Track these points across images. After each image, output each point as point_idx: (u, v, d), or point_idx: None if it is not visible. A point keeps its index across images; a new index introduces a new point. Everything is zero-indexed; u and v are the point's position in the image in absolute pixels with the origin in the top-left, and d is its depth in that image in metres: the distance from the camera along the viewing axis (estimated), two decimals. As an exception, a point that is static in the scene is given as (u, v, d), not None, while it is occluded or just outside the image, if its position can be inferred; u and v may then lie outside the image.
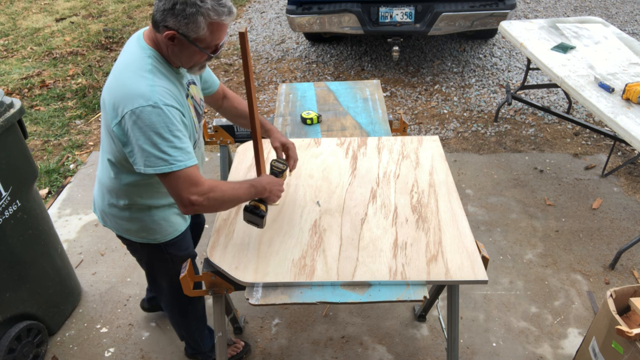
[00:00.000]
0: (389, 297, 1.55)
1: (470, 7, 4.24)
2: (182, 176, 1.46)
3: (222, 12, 1.41)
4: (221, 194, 1.53)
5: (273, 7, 6.64)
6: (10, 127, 2.06)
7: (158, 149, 1.42)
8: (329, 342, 2.41)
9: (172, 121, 1.43)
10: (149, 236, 1.76)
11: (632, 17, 5.89)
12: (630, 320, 1.84)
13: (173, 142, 1.43)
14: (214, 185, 1.53)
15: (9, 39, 6.08)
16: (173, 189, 1.48)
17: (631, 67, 3.04)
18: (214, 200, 1.52)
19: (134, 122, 1.41)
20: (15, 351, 2.18)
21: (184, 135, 1.48)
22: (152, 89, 1.42)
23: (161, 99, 1.42)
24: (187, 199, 1.48)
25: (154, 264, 1.91)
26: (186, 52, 1.47)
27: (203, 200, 1.49)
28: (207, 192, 1.50)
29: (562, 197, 3.28)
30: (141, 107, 1.40)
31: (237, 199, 1.60)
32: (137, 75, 1.45)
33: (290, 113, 2.67)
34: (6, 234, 2.09)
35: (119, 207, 1.71)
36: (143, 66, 1.46)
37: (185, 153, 1.46)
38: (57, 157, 3.87)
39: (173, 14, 1.39)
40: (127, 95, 1.42)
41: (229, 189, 1.57)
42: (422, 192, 1.95)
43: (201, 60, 1.52)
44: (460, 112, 4.23)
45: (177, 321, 2.16)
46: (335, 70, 4.99)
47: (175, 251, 1.85)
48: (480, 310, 2.54)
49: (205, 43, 1.46)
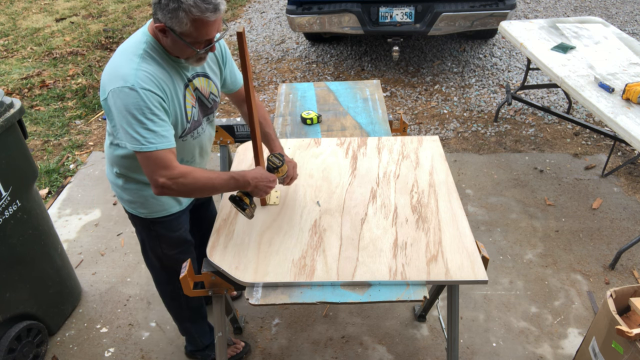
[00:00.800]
0: (389, 297, 1.55)
1: (470, 7, 4.24)
2: (152, 157, 1.50)
3: (206, 9, 1.42)
4: (193, 181, 1.56)
5: (273, 7, 6.64)
6: (10, 127, 2.06)
7: (132, 128, 1.48)
8: (329, 342, 2.41)
9: (147, 104, 1.47)
10: (138, 209, 1.82)
11: (632, 17, 5.89)
12: (630, 320, 1.84)
13: (146, 124, 1.47)
14: (187, 171, 1.55)
15: (9, 39, 6.08)
16: (145, 168, 1.54)
17: (631, 67, 3.04)
18: (184, 186, 1.55)
19: (114, 100, 1.48)
20: (15, 351, 2.18)
21: (160, 119, 1.51)
22: (135, 73, 1.47)
23: (139, 82, 1.46)
24: (156, 181, 1.52)
25: (144, 238, 1.95)
26: (177, 45, 1.51)
27: (172, 184, 1.53)
28: (177, 177, 1.53)
29: (562, 197, 3.28)
30: (119, 88, 1.46)
31: (212, 188, 1.63)
32: (127, 58, 1.51)
33: (290, 113, 2.67)
34: (6, 234, 2.09)
35: (115, 175, 1.79)
36: (135, 51, 1.52)
37: (159, 136, 1.49)
38: (57, 157, 3.87)
39: (160, 7, 1.44)
40: (112, 76, 1.50)
41: (203, 177, 1.59)
42: (422, 192, 1.95)
43: (193, 55, 1.54)
44: (460, 112, 4.23)
45: (169, 305, 2.17)
46: (335, 70, 4.99)
47: (164, 231, 1.88)
48: (480, 310, 2.54)
49: (192, 38, 1.48)
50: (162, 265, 1.98)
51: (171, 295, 2.11)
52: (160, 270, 2.02)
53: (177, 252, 1.94)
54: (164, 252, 1.92)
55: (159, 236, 1.89)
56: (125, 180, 1.77)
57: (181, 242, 1.95)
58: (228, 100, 4.58)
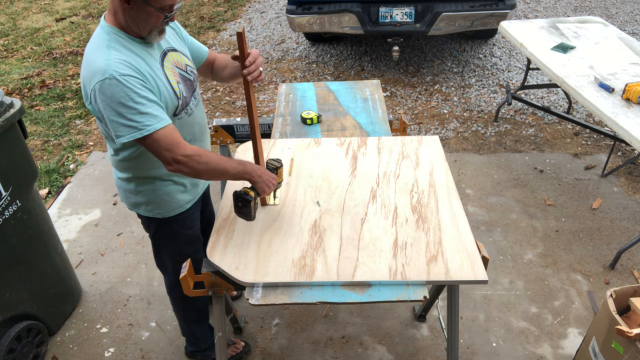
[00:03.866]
0: (389, 297, 1.55)
1: (470, 7, 4.24)
2: (157, 138, 1.50)
3: None
4: (206, 160, 1.57)
5: (273, 7, 6.64)
6: (10, 127, 2.06)
7: (124, 117, 1.47)
8: (329, 342, 2.41)
9: (131, 89, 1.46)
10: (154, 209, 1.81)
11: (632, 17, 5.89)
12: (630, 320, 1.84)
13: (137, 109, 1.47)
14: (202, 152, 1.57)
15: (9, 39, 6.08)
16: (154, 152, 1.53)
17: (631, 67, 3.04)
18: (199, 164, 1.56)
19: (99, 98, 1.47)
20: (15, 351, 2.18)
21: (149, 100, 1.50)
22: (107, 63, 1.46)
23: (116, 70, 1.46)
24: (171, 158, 1.52)
25: (159, 239, 1.95)
26: (142, 14, 1.50)
27: (188, 161, 1.54)
28: (191, 155, 1.54)
29: (562, 197, 3.28)
30: (100, 82, 1.45)
31: (224, 170, 1.63)
32: (95, 53, 1.50)
33: (290, 113, 2.67)
34: (6, 234, 2.09)
35: (125, 180, 1.78)
36: (100, 43, 1.52)
37: (152, 117, 1.49)
38: (57, 157, 3.87)
39: None
40: (88, 74, 1.49)
41: (216, 158, 1.60)
42: (422, 192, 1.95)
43: (157, 23, 1.54)
44: (460, 112, 4.23)
45: (177, 307, 2.18)
46: (335, 70, 4.99)
47: (180, 228, 1.89)
48: (480, 310, 2.54)
49: (159, 3, 1.49)
50: (176, 265, 1.97)
51: (180, 296, 2.10)
52: (172, 271, 2.02)
53: (192, 250, 1.96)
54: (180, 251, 1.93)
55: (174, 235, 1.90)
56: (138, 183, 1.76)
57: (195, 239, 1.96)
58: (228, 100, 4.58)
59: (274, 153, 2.20)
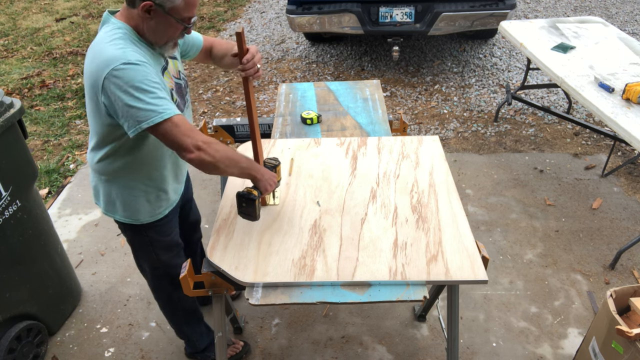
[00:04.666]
0: (389, 297, 1.55)
1: (470, 7, 4.24)
2: (176, 123, 1.45)
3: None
4: (223, 148, 1.55)
5: (273, 7, 6.64)
6: (10, 127, 2.06)
7: (143, 101, 1.42)
8: (329, 342, 2.41)
9: (149, 74, 1.44)
10: (132, 216, 1.78)
11: (632, 17, 5.89)
12: (630, 320, 1.84)
13: (155, 93, 1.44)
14: (215, 140, 1.55)
15: (9, 39, 6.08)
16: (174, 137, 1.46)
17: (631, 67, 3.04)
18: (217, 152, 1.51)
19: (114, 84, 1.42)
20: (15, 351, 2.18)
21: (163, 88, 1.48)
22: (124, 51, 1.44)
23: (133, 56, 1.44)
24: (192, 144, 1.46)
25: (136, 245, 1.93)
26: (162, 24, 1.49)
27: (207, 147, 1.49)
28: (210, 142, 1.50)
29: (562, 197, 3.28)
30: (115, 67, 1.41)
31: (237, 161, 1.60)
32: (107, 44, 1.46)
33: (290, 113, 2.67)
34: (6, 234, 2.09)
35: (104, 183, 1.74)
36: (112, 36, 1.48)
37: (169, 102, 1.47)
38: (57, 157, 3.87)
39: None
40: (101, 63, 1.44)
41: (230, 150, 1.59)
42: (422, 192, 1.95)
43: (175, 34, 1.54)
44: (460, 112, 4.23)
45: (164, 310, 2.16)
46: (335, 70, 4.99)
47: (157, 235, 1.86)
48: (480, 310, 2.54)
49: (179, 14, 1.48)
50: (154, 270, 1.96)
51: (166, 299, 2.10)
52: (152, 276, 2.01)
53: (169, 256, 1.93)
54: (157, 257, 1.91)
55: (151, 242, 1.87)
56: (118, 187, 1.73)
57: (173, 245, 1.94)
58: (228, 100, 4.58)
59: (274, 153, 2.20)
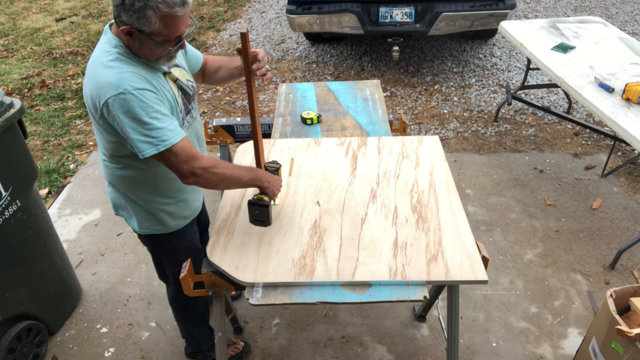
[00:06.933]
0: (389, 297, 1.55)
1: (470, 7, 4.24)
2: (173, 153, 1.47)
3: (174, 3, 1.37)
4: (222, 171, 1.57)
5: (273, 7, 6.64)
6: (10, 127, 2.06)
7: (140, 133, 1.43)
8: (329, 342, 2.41)
9: (147, 104, 1.43)
10: (154, 226, 1.79)
11: (632, 17, 5.89)
12: (630, 320, 1.84)
13: (152, 124, 1.43)
14: (217, 162, 1.57)
15: (9, 39, 6.07)
16: (170, 166, 1.51)
17: (631, 67, 3.04)
18: (215, 176, 1.55)
19: (112, 113, 1.42)
20: (15, 351, 2.18)
21: (163, 115, 1.47)
22: (121, 76, 1.42)
23: (130, 84, 1.42)
24: (189, 171, 1.50)
25: (159, 254, 1.94)
26: (146, 46, 1.46)
27: (204, 173, 1.52)
28: (208, 167, 1.53)
29: (562, 197, 3.28)
30: (113, 97, 1.41)
31: (238, 179, 1.63)
32: (104, 65, 1.45)
33: (290, 113, 2.67)
34: (6, 234, 2.09)
35: (124, 198, 1.75)
36: (108, 56, 1.46)
37: (168, 131, 1.46)
38: (57, 157, 3.87)
39: (124, 8, 1.38)
40: (99, 88, 1.43)
41: (229, 167, 1.61)
42: (422, 192, 1.95)
43: (164, 54, 1.50)
44: (460, 112, 4.23)
45: (177, 315, 2.17)
46: (335, 70, 4.99)
47: (179, 242, 1.87)
48: (480, 310, 2.54)
49: (162, 37, 1.43)
50: (177, 277, 1.94)
51: (185, 305, 2.10)
52: (174, 282, 2.00)
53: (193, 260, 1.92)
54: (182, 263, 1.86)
55: (174, 249, 1.88)
56: (136, 201, 1.73)
57: (196, 249, 1.94)
58: (228, 100, 4.58)
59: (274, 153, 2.20)
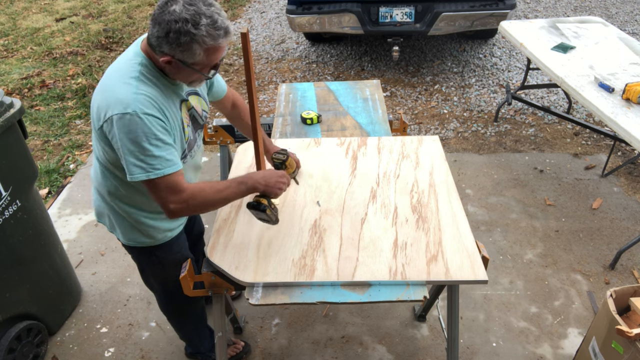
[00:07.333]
0: (389, 297, 1.55)
1: (470, 7, 4.24)
2: (160, 184, 1.45)
3: (218, 35, 1.38)
4: (203, 200, 1.53)
5: (273, 7, 6.64)
6: (10, 127, 2.06)
7: (135, 157, 1.42)
8: (329, 342, 2.41)
9: (150, 130, 1.41)
10: (139, 239, 1.75)
11: (632, 17, 5.89)
12: (630, 320, 1.84)
13: (151, 151, 1.42)
14: (196, 191, 1.51)
15: (9, 39, 6.08)
16: (153, 195, 1.49)
17: (631, 67, 3.04)
18: (195, 207, 1.52)
19: (114, 130, 1.41)
20: (15, 351, 2.18)
21: (165, 143, 1.45)
22: (134, 97, 1.41)
23: (141, 107, 1.40)
24: (168, 207, 1.49)
25: (144, 265, 1.91)
26: (184, 73, 1.46)
27: (184, 207, 1.50)
28: (186, 200, 1.49)
29: (562, 197, 3.28)
30: (120, 114, 1.39)
31: (224, 200, 1.59)
32: (122, 81, 1.44)
33: (290, 113, 2.67)
34: (6, 234, 2.09)
35: (108, 207, 1.72)
36: (130, 72, 1.45)
37: (164, 161, 1.44)
38: (57, 157, 3.87)
39: (167, 42, 1.37)
40: (109, 100, 1.42)
41: (212, 193, 1.55)
42: (422, 192, 1.95)
43: (200, 78, 1.52)
44: (460, 112, 4.23)
45: (173, 322, 2.16)
46: (335, 70, 4.99)
47: (165, 255, 1.83)
48: (480, 310, 2.54)
49: (202, 65, 1.45)
50: (165, 287, 1.95)
51: (175, 311, 2.09)
52: (163, 292, 2.00)
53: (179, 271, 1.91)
54: (168, 274, 1.87)
55: (161, 261, 1.84)
56: (121, 212, 1.70)
57: (184, 260, 1.90)
58: (228, 100, 4.57)
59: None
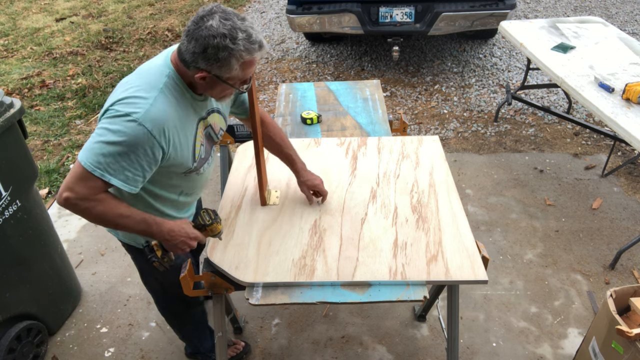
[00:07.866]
0: (389, 297, 1.55)
1: (470, 7, 4.24)
2: (84, 176, 1.37)
3: (254, 49, 1.39)
4: (99, 213, 1.43)
5: (273, 7, 6.64)
6: (10, 127, 2.06)
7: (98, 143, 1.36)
8: (329, 342, 2.41)
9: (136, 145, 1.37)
10: (137, 239, 1.74)
11: (632, 17, 5.89)
12: (630, 320, 1.84)
13: (110, 153, 1.36)
14: (100, 199, 1.41)
15: (9, 39, 6.08)
16: (69, 175, 1.40)
17: (631, 67, 3.04)
18: (87, 211, 1.42)
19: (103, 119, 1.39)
20: (15, 351, 2.18)
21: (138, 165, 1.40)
22: (148, 109, 1.38)
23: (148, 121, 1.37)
24: (64, 192, 1.39)
25: (143, 266, 1.90)
26: (217, 88, 1.47)
27: (79, 203, 1.40)
28: (84, 198, 1.39)
29: (562, 197, 3.28)
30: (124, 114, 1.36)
31: (117, 225, 1.50)
32: (146, 86, 1.42)
33: (290, 113, 2.67)
34: (6, 234, 2.09)
35: None
36: (155, 82, 1.44)
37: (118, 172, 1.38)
38: (57, 157, 3.87)
39: (205, 57, 1.36)
40: (125, 94, 1.40)
41: (112, 212, 1.44)
42: (422, 192, 1.95)
43: (231, 93, 1.52)
44: (460, 112, 4.23)
45: (172, 323, 2.16)
46: (335, 70, 4.99)
47: None
48: (480, 310, 2.54)
49: (237, 79, 1.45)
50: (164, 288, 1.94)
51: (174, 314, 2.09)
52: (163, 296, 2.00)
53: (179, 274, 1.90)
54: (166, 278, 1.85)
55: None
56: None
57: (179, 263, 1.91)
58: (228, 100, 4.56)
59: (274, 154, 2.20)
